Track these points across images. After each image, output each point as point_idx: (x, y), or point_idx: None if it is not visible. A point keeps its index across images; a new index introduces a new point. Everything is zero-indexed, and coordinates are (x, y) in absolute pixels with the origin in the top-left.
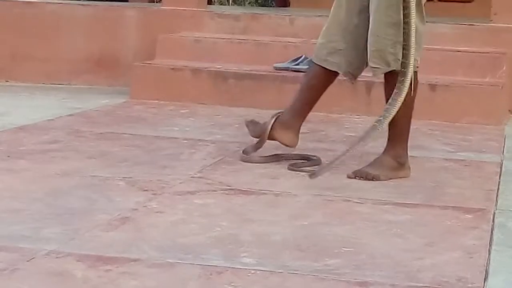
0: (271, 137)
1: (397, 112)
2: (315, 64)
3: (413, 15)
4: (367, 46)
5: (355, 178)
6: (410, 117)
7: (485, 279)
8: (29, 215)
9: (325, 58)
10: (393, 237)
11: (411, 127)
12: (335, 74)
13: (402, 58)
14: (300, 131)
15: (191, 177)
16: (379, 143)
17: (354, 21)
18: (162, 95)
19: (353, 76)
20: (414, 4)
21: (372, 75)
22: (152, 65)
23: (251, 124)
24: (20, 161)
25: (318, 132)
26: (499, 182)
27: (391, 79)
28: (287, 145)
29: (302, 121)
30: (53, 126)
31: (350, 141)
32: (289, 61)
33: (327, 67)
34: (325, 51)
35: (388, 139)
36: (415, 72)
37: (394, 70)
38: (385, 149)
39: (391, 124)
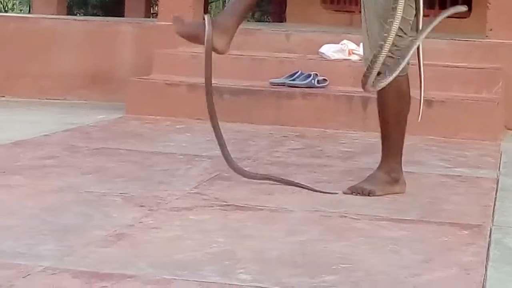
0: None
1: (390, 127)
2: None
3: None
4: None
5: (351, 194)
6: (404, 132)
7: None
8: (24, 231)
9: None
10: (389, 253)
11: (407, 142)
12: None
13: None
14: (295, 146)
15: (187, 193)
16: (373, 159)
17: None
18: (158, 110)
19: None
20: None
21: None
22: (148, 80)
23: (180, 21)
24: (16, 177)
25: (314, 148)
26: (495, 198)
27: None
28: (218, 52)
29: (238, 26)
30: (49, 142)
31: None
32: (285, 76)
33: None
34: None
35: (382, 155)
36: (405, 78)
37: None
38: (379, 165)
39: (384, 139)
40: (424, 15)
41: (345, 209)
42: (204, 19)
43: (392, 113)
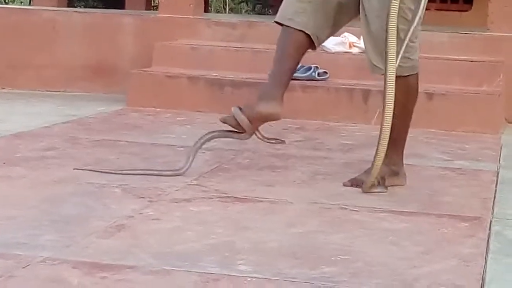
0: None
1: (395, 120)
2: (282, 26)
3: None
4: (365, 41)
5: (351, 186)
6: (408, 126)
7: (481, 287)
8: (25, 222)
9: (290, 17)
10: (389, 245)
11: (408, 135)
12: (305, 37)
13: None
14: (295, 138)
15: (188, 184)
16: (374, 152)
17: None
18: (158, 102)
19: (318, 41)
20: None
21: (370, 71)
22: (149, 72)
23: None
24: (16, 168)
25: (314, 140)
26: (495, 190)
27: None
28: (273, 117)
29: (284, 91)
30: (49, 133)
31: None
32: None
33: (293, 26)
34: (291, 10)
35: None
36: (415, 76)
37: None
38: None
39: None
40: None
41: (344, 201)
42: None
43: (398, 106)
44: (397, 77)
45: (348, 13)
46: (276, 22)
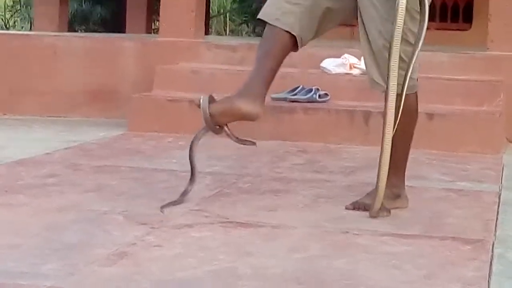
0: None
1: (396, 142)
2: (267, 25)
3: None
4: (365, 58)
5: (353, 209)
6: (409, 147)
7: None
8: (27, 250)
9: (278, 17)
10: (391, 268)
11: (409, 156)
12: (290, 38)
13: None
14: (297, 161)
15: (189, 210)
16: (375, 174)
17: (325, 0)
18: (160, 127)
19: (301, 43)
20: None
21: (370, 87)
22: (150, 96)
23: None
24: (18, 196)
25: (315, 163)
26: (497, 212)
27: None
28: (253, 116)
29: (267, 91)
30: (51, 160)
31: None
32: (286, 91)
33: (280, 26)
34: (279, 11)
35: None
36: (415, 96)
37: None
38: None
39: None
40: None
41: (347, 225)
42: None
43: (399, 129)
44: (398, 95)
45: (334, 20)
46: (260, 20)
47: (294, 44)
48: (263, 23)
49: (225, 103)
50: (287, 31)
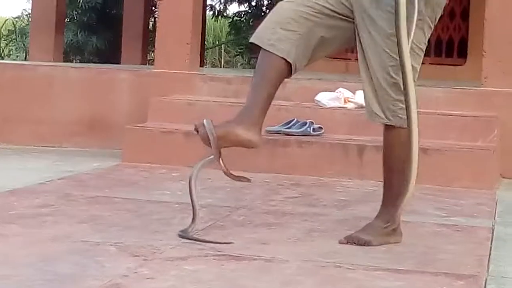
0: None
1: (394, 175)
2: (262, 50)
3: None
4: (365, 90)
5: (347, 243)
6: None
7: None
8: (19, 281)
9: (273, 43)
10: None
11: None
12: (286, 65)
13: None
14: (290, 194)
15: (182, 242)
16: (370, 207)
17: (320, 29)
18: (154, 158)
19: (295, 70)
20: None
21: (368, 118)
22: (144, 128)
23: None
24: (11, 226)
25: (309, 196)
26: (490, 247)
27: (388, 132)
28: (253, 144)
29: (264, 118)
30: (44, 190)
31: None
32: (280, 124)
33: (275, 53)
34: (274, 36)
35: (382, 203)
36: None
37: (394, 125)
38: (378, 213)
39: (387, 188)
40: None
41: (340, 259)
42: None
43: (397, 162)
44: (397, 128)
45: (327, 49)
46: (252, 43)
47: (288, 70)
48: (257, 49)
49: (224, 128)
50: (282, 58)
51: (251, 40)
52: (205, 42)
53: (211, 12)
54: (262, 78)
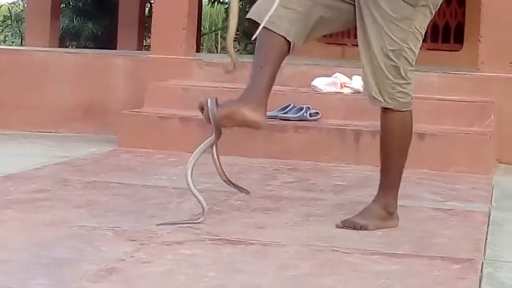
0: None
1: (392, 160)
2: (264, 29)
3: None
4: (365, 73)
5: (343, 227)
6: (403, 166)
7: None
8: (15, 266)
9: (273, 21)
10: (381, 287)
11: None
12: (285, 44)
13: None
14: (287, 179)
15: (179, 227)
16: (367, 192)
17: (319, 9)
18: (150, 143)
19: (292, 49)
20: None
21: (369, 102)
22: (140, 113)
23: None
24: (7, 211)
25: (306, 181)
26: (487, 231)
27: (385, 115)
28: (259, 125)
29: (268, 98)
30: (40, 175)
31: None
32: (277, 109)
33: (275, 31)
34: (275, 13)
35: (380, 188)
36: (410, 114)
37: (393, 108)
38: (375, 198)
39: (384, 172)
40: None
41: (337, 243)
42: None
43: (395, 146)
44: (395, 111)
45: (324, 29)
46: (249, 19)
47: (287, 49)
48: (254, 25)
49: (230, 107)
50: (282, 36)
51: (249, 15)
52: (202, 28)
53: None
54: (264, 58)
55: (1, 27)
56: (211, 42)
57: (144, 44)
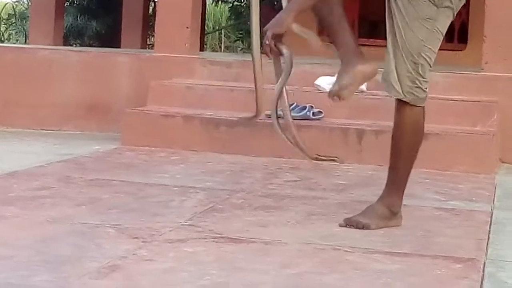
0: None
1: (401, 159)
2: None
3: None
4: (387, 61)
5: (346, 226)
6: (412, 166)
7: None
8: (18, 262)
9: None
10: (382, 286)
11: None
12: None
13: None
14: (290, 178)
15: (181, 224)
16: (369, 191)
17: None
18: (153, 141)
19: None
20: None
21: (386, 89)
22: (144, 111)
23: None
24: (10, 208)
25: (308, 180)
26: (489, 231)
27: (400, 109)
28: (374, 73)
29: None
30: (43, 173)
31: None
32: (280, 108)
33: None
34: None
35: (386, 186)
36: (423, 112)
37: (408, 103)
38: (381, 196)
39: (392, 171)
40: None
41: (339, 242)
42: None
43: (406, 145)
44: (409, 106)
45: None
46: None
47: None
48: None
49: (348, 74)
50: None
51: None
52: (205, 27)
53: None
54: (336, 16)
55: (6, 25)
56: (215, 41)
57: (148, 42)
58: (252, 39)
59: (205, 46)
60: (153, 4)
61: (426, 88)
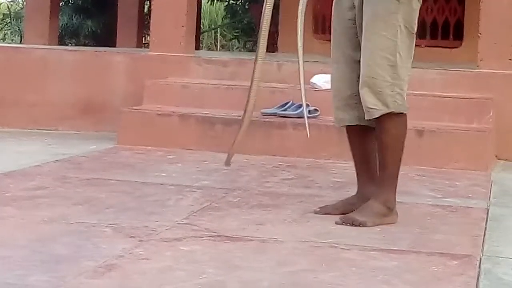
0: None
1: (388, 154)
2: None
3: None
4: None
5: (342, 224)
6: (400, 162)
7: None
8: (14, 262)
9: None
10: (379, 283)
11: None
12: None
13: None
14: (286, 176)
15: (178, 223)
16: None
17: (355, 72)
18: (149, 140)
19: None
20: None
21: (366, 116)
22: (140, 110)
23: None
24: (6, 208)
25: (305, 178)
26: (485, 228)
27: (386, 120)
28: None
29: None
30: (40, 172)
31: None
32: (276, 106)
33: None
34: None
35: (378, 185)
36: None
37: (392, 112)
38: (375, 195)
39: (382, 168)
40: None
41: (335, 240)
42: None
43: (391, 138)
44: (394, 114)
45: None
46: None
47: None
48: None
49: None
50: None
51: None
52: (201, 26)
53: None
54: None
55: (1, 25)
56: (211, 39)
57: (143, 41)
58: (259, 40)
59: (200, 45)
60: (148, 3)
61: (405, 93)
